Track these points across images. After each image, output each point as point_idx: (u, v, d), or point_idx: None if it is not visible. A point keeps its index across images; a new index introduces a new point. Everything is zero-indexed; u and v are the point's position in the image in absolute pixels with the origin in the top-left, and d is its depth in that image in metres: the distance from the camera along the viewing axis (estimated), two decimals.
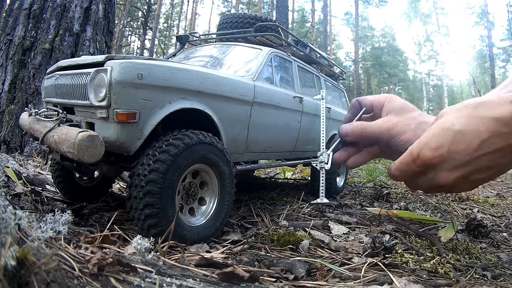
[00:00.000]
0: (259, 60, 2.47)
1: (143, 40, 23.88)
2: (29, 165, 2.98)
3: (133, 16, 24.77)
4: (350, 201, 3.03)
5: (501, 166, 0.51)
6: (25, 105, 3.68)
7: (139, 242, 1.00)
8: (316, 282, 1.09)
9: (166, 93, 1.57)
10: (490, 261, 1.55)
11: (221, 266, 0.97)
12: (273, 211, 2.37)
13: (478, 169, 0.50)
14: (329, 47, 28.11)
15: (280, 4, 10.69)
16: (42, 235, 0.85)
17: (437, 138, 0.52)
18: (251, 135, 2.21)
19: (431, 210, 2.73)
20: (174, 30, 32.75)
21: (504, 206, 3.09)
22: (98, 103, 1.43)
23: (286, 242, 1.55)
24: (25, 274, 0.56)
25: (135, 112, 1.45)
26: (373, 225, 2.12)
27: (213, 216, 1.69)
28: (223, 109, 1.93)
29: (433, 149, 0.52)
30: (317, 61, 3.51)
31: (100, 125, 1.47)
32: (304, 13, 34.87)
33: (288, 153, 2.86)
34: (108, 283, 0.67)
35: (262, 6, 28.13)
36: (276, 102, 2.43)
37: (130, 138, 1.48)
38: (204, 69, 1.94)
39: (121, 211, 1.89)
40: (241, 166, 2.24)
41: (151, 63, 1.53)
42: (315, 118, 3.00)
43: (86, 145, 1.29)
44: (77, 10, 4.00)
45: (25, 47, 3.77)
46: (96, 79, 1.44)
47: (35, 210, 1.70)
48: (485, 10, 26.30)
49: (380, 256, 1.42)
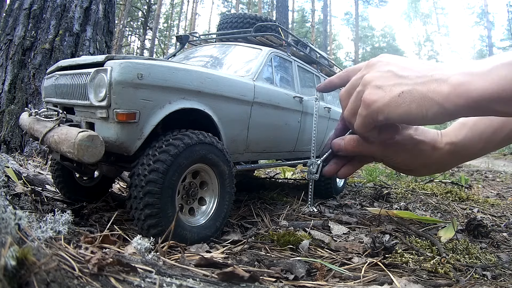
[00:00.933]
0: (259, 60, 2.46)
1: (143, 40, 23.89)
2: (29, 165, 2.98)
3: (133, 16, 24.78)
4: (350, 201, 3.03)
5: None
6: (25, 105, 3.68)
7: (139, 242, 1.00)
8: (316, 282, 1.09)
9: (166, 93, 1.57)
10: (490, 261, 1.55)
11: (221, 266, 0.97)
12: (273, 211, 2.37)
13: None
14: (329, 47, 28.12)
15: (280, 4, 10.70)
16: (42, 235, 0.85)
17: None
18: (251, 135, 2.21)
19: (431, 210, 2.73)
20: (174, 30, 32.77)
21: (504, 206, 3.09)
22: (98, 103, 1.43)
23: (286, 242, 1.55)
24: (25, 274, 0.56)
25: (135, 112, 1.45)
26: (373, 225, 2.12)
27: (213, 216, 1.69)
28: (223, 109, 1.93)
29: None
30: (317, 61, 3.51)
31: (100, 125, 1.47)
32: (304, 13, 34.89)
33: (288, 153, 2.86)
34: (108, 283, 0.67)
35: (262, 6, 28.14)
36: (276, 102, 2.43)
37: (130, 138, 1.48)
38: (204, 69, 1.94)
39: (121, 211, 1.89)
40: (241, 166, 2.24)
41: (151, 63, 1.53)
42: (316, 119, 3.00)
43: (86, 145, 1.29)
44: (77, 10, 4.00)
45: (25, 47, 3.77)
46: (96, 79, 1.44)
47: (35, 210, 1.70)
48: (485, 10, 26.33)
49: (380, 256, 1.42)
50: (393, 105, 0.50)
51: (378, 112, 0.52)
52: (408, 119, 0.50)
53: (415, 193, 3.40)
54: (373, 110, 0.52)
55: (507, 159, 10.25)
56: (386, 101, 0.51)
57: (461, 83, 0.45)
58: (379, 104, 0.51)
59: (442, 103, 0.46)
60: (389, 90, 0.51)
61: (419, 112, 0.48)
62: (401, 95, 0.49)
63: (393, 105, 0.50)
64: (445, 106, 0.46)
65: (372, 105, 0.52)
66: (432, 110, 0.47)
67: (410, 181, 4.39)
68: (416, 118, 0.49)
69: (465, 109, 0.45)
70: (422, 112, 0.48)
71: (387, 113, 0.51)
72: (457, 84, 0.45)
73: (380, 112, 0.51)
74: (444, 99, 0.46)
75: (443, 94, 0.46)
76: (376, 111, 0.52)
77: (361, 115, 0.55)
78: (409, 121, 0.51)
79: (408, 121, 0.51)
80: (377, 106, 0.52)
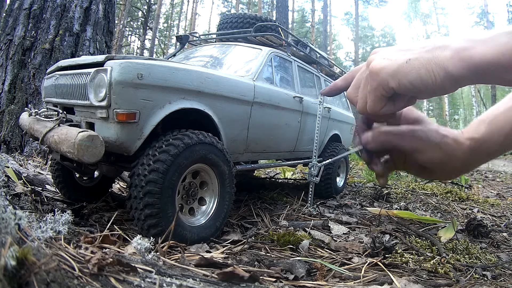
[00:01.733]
0: (259, 60, 2.46)
1: (143, 40, 23.88)
2: (29, 165, 2.98)
3: (133, 16, 24.77)
4: (350, 201, 3.03)
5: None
6: (25, 105, 3.68)
7: (139, 242, 1.00)
8: (316, 282, 1.09)
9: (166, 93, 1.57)
10: (490, 261, 1.55)
11: (221, 266, 0.97)
12: (273, 211, 2.37)
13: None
14: (329, 47, 28.12)
15: (280, 4, 10.70)
16: (42, 235, 0.85)
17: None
18: (251, 135, 2.21)
19: (431, 210, 2.73)
20: (174, 30, 32.76)
21: (504, 206, 3.09)
22: (98, 103, 1.43)
23: (286, 242, 1.55)
24: (25, 274, 0.56)
25: (135, 112, 1.45)
26: (373, 225, 2.12)
27: (213, 216, 1.69)
28: (223, 109, 1.93)
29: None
30: (317, 61, 3.51)
31: (100, 125, 1.47)
32: (304, 13, 34.88)
33: (288, 153, 2.86)
34: (108, 283, 0.67)
35: (262, 6, 28.13)
36: (276, 102, 2.43)
37: (130, 138, 1.48)
38: (204, 69, 1.94)
39: (121, 211, 1.89)
40: (241, 166, 2.24)
41: (151, 63, 1.53)
42: (315, 118, 3.00)
43: (86, 145, 1.29)
44: (77, 10, 4.00)
45: (25, 47, 3.77)
46: (96, 79, 1.44)
47: (35, 210, 1.70)
48: (485, 10, 26.31)
49: (380, 256, 1.42)
50: (402, 71, 0.50)
51: (388, 79, 0.51)
52: (419, 85, 0.50)
53: (415, 193, 3.40)
54: (382, 78, 0.52)
55: (507, 159, 10.25)
56: (395, 67, 0.51)
57: (464, 48, 0.46)
58: (388, 70, 0.51)
59: (446, 67, 0.47)
60: (396, 59, 0.51)
61: (429, 77, 0.49)
62: (408, 62, 0.50)
63: (402, 71, 0.50)
64: (449, 70, 0.47)
65: (380, 72, 0.52)
66: (440, 75, 0.48)
67: (410, 181, 4.39)
68: (427, 84, 0.49)
69: (468, 73, 0.46)
70: (432, 77, 0.49)
71: (398, 79, 0.51)
72: (459, 49, 0.47)
73: (391, 78, 0.51)
74: (449, 63, 0.47)
75: (447, 57, 0.47)
76: (386, 78, 0.51)
77: (372, 88, 0.54)
78: (421, 88, 0.50)
79: (420, 88, 0.50)
80: (386, 73, 0.51)
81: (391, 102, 0.56)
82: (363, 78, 0.56)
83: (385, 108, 0.56)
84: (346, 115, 3.98)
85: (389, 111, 0.57)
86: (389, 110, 0.57)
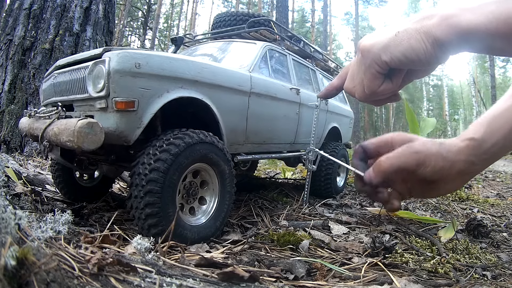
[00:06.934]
0: (254, 53, 2.50)
1: (143, 40, 23.87)
2: (29, 165, 2.98)
3: (133, 16, 24.77)
4: (350, 201, 3.03)
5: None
6: (25, 105, 3.68)
7: (139, 242, 1.00)
8: (316, 282, 1.09)
9: (164, 82, 1.58)
10: (490, 261, 1.55)
11: (221, 266, 0.97)
12: (273, 211, 2.37)
13: None
14: (329, 47, 28.12)
15: (280, 4, 10.69)
16: (42, 235, 0.85)
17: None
18: (250, 126, 2.22)
19: (431, 210, 2.73)
20: (174, 30, 32.74)
21: (504, 206, 3.09)
22: (97, 94, 1.44)
23: (286, 242, 1.55)
24: (25, 274, 0.56)
25: (134, 101, 1.46)
26: (373, 225, 2.12)
27: (214, 215, 1.69)
28: (221, 98, 1.94)
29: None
30: (311, 55, 3.53)
31: (100, 116, 1.48)
32: (304, 13, 34.87)
33: (289, 145, 2.87)
34: (108, 283, 0.67)
35: (262, 6, 28.14)
36: (273, 93, 2.45)
37: (130, 127, 1.48)
38: (200, 59, 1.95)
39: (121, 211, 1.89)
40: (241, 156, 2.24)
41: (148, 53, 1.56)
42: (313, 111, 3.00)
43: (86, 132, 1.30)
44: (77, 10, 4.00)
45: (25, 47, 3.77)
46: (95, 71, 1.46)
47: (35, 210, 1.70)
48: None
49: (380, 256, 1.42)
50: (393, 43, 0.51)
51: (380, 53, 0.52)
52: (412, 56, 0.50)
53: None
54: (374, 53, 0.52)
55: (507, 159, 10.25)
56: (385, 41, 0.51)
57: (451, 15, 0.47)
58: (379, 45, 0.52)
59: (435, 33, 0.48)
60: (384, 34, 0.52)
61: (420, 46, 0.49)
62: (397, 34, 0.50)
63: (393, 44, 0.51)
64: (437, 35, 0.48)
65: (372, 48, 0.52)
66: (429, 41, 0.49)
67: None
68: (419, 53, 0.50)
69: (456, 38, 0.47)
70: (422, 45, 0.49)
71: (390, 52, 0.51)
72: (447, 16, 0.47)
73: (382, 52, 0.52)
74: (436, 29, 0.48)
75: (434, 25, 0.48)
76: (377, 53, 0.52)
77: (366, 66, 0.54)
78: (414, 58, 0.50)
79: (413, 58, 0.50)
80: (377, 48, 0.52)
81: (388, 80, 0.56)
82: (356, 63, 0.57)
83: (382, 86, 0.56)
84: (344, 109, 4.02)
85: (388, 89, 0.57)
86: (388, 88, 0.57)
